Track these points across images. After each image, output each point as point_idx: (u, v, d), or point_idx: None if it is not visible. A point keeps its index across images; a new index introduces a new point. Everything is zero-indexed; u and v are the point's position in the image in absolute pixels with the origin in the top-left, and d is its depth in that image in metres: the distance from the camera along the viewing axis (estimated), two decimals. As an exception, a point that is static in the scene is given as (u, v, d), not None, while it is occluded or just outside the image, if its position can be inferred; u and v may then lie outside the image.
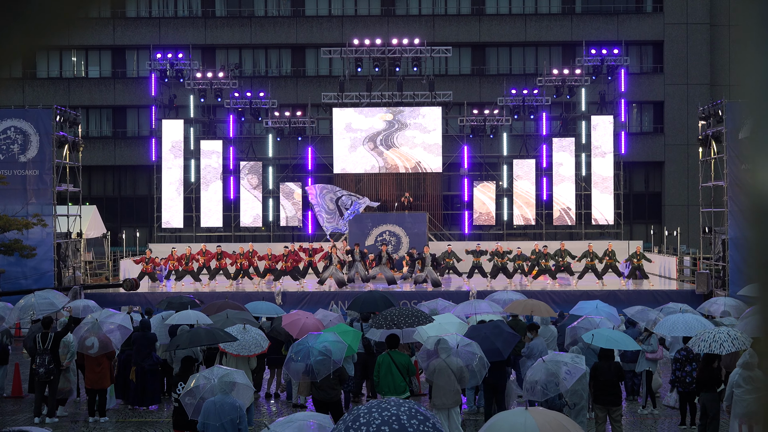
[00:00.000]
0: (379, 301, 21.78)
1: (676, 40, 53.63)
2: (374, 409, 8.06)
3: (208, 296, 30.18)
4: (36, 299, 21.61)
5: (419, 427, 7.83)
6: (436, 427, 8.02)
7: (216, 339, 16.14)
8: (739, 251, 31.81)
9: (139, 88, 52.83)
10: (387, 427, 7.77)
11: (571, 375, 13.87)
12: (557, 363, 13.97)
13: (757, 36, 1.63)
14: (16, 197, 33.81)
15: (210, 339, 16.08)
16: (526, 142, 45.95)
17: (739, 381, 14.25)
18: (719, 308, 22.28)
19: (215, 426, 12.05)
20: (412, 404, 8.31)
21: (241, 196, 44.26)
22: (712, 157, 35.90)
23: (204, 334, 15.99)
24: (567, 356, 14.36)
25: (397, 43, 43.62)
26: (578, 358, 14.41)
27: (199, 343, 16.06)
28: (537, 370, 14.00)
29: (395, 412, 7.96)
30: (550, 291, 33.19)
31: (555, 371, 13.81)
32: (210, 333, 16.07)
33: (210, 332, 16.08)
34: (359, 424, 7.92)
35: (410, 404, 8.26)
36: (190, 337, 16.06)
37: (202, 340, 16.00)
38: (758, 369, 13.78)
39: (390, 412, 7.96)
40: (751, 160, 1.66)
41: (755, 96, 1.65)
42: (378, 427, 7.79)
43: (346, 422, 8.10)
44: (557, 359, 14.14)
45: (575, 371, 13.94)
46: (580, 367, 14.06)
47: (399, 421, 7.85)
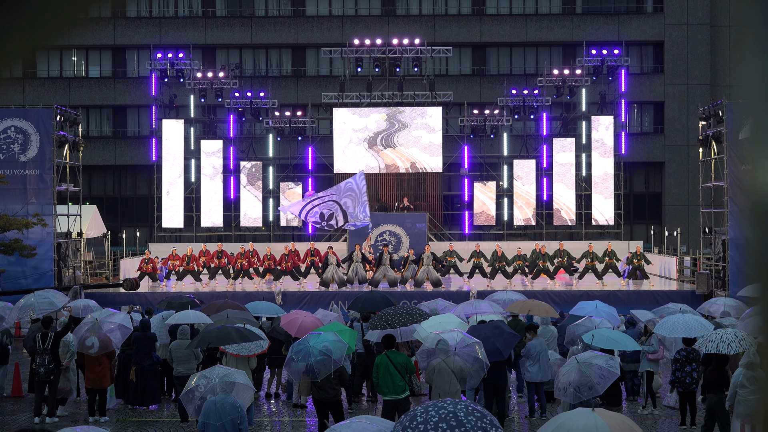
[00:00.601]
0: (380, 301, 21.78)
1: (676, 41, 53.62)
2: (431, 408, 8.06)
3: (208, 296, 30.19)
4: (36, 299, 21.60)
5: (477, 423, 7.82)
6: (494, 423, 8.01)
7: (247, 337, 15.96)
8: (739, 252, 31.81)
9: (139, 87, 52.83)
10: (444, 424, 7.76)
11: (605, 379, 13.60)
12: (591, 365, 13.66)
13: (757, 36, 1.63)
14: (17, 197, 33.81)
15: (241, 338, 15.87)
16: (527, 142, 45.94)
17: (743, 381, 14.27)
18: (719, 308, 22.27)
19: (215, 426, 12.05)
20: (468, 403, 8.30)
21: (242, 196, 44.25)
22: (713, 158, 35.90)
23: (234, 332, 15.81)
24: (602, 358, 13.97)
25: (397, 43, 43.62)
26: (613, 360, 14.08)
27: (230, 341, 15.88)
28: (570, 371, 13.72)
29: (452, 409, 7.96)
30: (550, 291, 33.19)
31: (588, 374, 13.55)
32: (240, 331, 15.89)
33: (240, 331, 15.90)
34: (416, 423, 7.91)
35: (466, 403, 8.26)
36: (219, 335, 15.82)
37: (234, 338, 15.79)
38: (761, 369, 13.81)
39: (447, 410, 7.96)
40: (751, 160, 1.66)
41: (755, 96, 1.65)
42: (435, 424, 7.78)
43: (403, 423, 8.07)
44: (591, 361, 13.78)
45: (609, 375, 13.64)
46: (614, 371, 13.74)
47: (456, 417, 7.84)
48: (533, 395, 18.31)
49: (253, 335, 16.08)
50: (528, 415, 18.32)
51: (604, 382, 13.56)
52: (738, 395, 14.33)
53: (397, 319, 17.26)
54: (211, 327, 16.63)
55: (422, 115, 43.42)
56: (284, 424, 18.23)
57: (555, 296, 32.15)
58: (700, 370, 16.98)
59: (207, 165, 44.19)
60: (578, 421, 9.34)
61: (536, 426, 17.68)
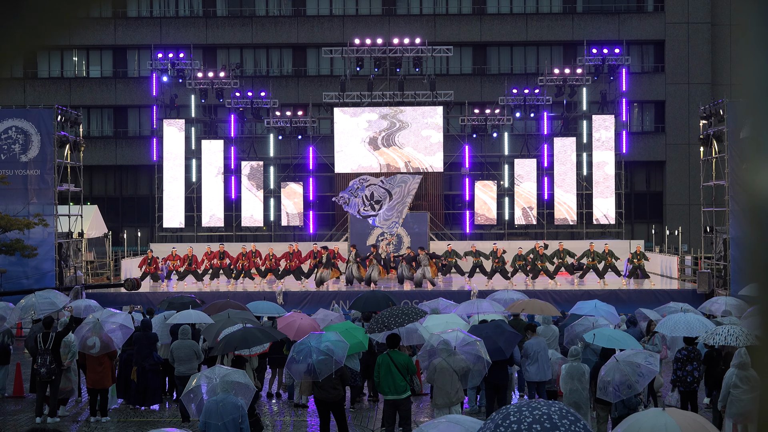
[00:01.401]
0: (381, 300, 21.78)
1: (677, 40, 53.60)
2: (524, 408, 7.97)
3: (210, 296, 30.20)
4: (37, 299, 21.61)
5: (571, 427, 7.75)
6: (587, 428, 7.95)
7: (273, 337, 15.74)
8: (740, 251, 31.81)
9: (140, 87, 52.84)
10: (539, 425, 7.67)
11: (644, 377, 13.49)
12: (630, 364, 13.58)
13: (756, 36, 1.63)
14: (18, 197, 33.83)
15: (267, 338, 15.71)
16: (527, 141, 45.94)
17: (736, 381, 14.30)
18: (720, 307, 22.27)
19: (217, 425, 12.05)
20: (561, 405, 8.22)
21: (242, 196, 44.25)
22: (714, 157, 35.90)
23: (260, 333, 15.59)
24: (641, 356, 13.86)
25: (398, 43, 43.62)
26: (652, 358, 13.95)
27: (257, 342, 15.66)
28: (611, 370, 13.61)
29: (546, 411, 7.88)
30: (551, 291, 33.18)
31: (628, 372, 13.46)
32: (265, 332, 15.72)
33: (265, 331, 15.72)
34: (509, 422, 7.83)
35: (560, 405, 8.17)
36: (244, 335, 15.57)
37: (260, 339, 15.58)
38: (752, 369, 13.85)
39: (541, 411, 7.88)
40: (751, 160, 1.66)
41: (754, 96, 1.65)
42: (529, 425, 7.71)
43: (495, 421, 8.00)
44: (631, 359, 13.69)
45: (648, 373, 13.55)
46: (653, 368, 13.64)
47: (551, 419, 7.77)
48: (534, 394, 18.30)
49: (277, 333, 15.91)
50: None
51: (642, 380, 13.53)
52: (731, 395, 14.35)
53: (394, 320, 17.20)
54: (236, 330, 16.26)
55: (423, 115, 43.41)
56: (285, 424, 18.23)
57: (556, 295, 32.13)
58: (701, 369, 16.98)
59: (208, 165, 44.19)
60: (648, 420, 9.34)
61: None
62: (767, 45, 1.62)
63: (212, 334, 18.31)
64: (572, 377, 15.22)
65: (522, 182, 43.89)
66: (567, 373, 15.33)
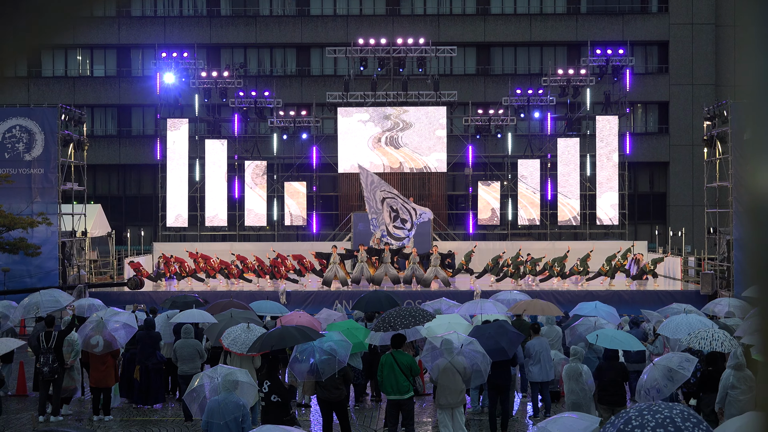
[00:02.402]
0: (384, 300, 21.76)
1: (681, 41, 53.56)
2: (645, 412, 7.86)
3: (213, 295, 30.21)
4: (42, 297, 21.64)
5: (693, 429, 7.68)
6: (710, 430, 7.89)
7: (310, 337, 15.59)
8: (743, 252, 31.76)
9: (144, 87, 52.88)
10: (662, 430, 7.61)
11: (673, 382, 13.35)
12: (664, 368, 13.49)
13: (756, 36, 1.64)
14: (21, 196, 33.86)
15: (304, 338, 15.46)
16: (531, 142, 45.93)
17: (734, 382, 14.25)
18: (724, 309, 22.24)
19: (219, 425, 12.06)
20: (683, 407, 8.12)
21: (246, 196, 44.28)
22: (717, 158, 35.87)
23: (296, 332, 15.22)
24: (676, 360, 13.72)
25: (402, 43, 43.63)
26: (688, 362, 13.78)
27: (294, 342, 15.19)
28: (651, 375, 13.56)
29: (668, 414, 7.77)
30: (554, 291, 33.16)
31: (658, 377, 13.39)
32: (302, 331, 15.51)
33: (302, 331, 15.48)
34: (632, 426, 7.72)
35: (681, 407, 8.07)
36: (281, 335, 15.15)
37: (297, 339, 15.10)
38: (748, 369, 13.93)
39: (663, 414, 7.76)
40: (752, 160, 1.67)
41: (755, 96, 1.65)
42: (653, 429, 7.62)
43: (616, 425, 7.90)
44: (665, 363, 13.60)
45: (679, 378, 13.41)
46: (684, 373, 13.46)
47: (674, 423, 7.66)
48: (537, 395, 18.31)
49: (314, 333, 15.66)
50: (532, 414, 18.32)
51: (671, 385, 13.36)
52: (729, 396, 14.29)
53: (400, 321, 17.17)
54: (273, 330, 15.82)
55: (427, 115, 43.42)
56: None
57: (559, 296, 32.12)
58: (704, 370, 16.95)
59: (211, 164, 44.22)
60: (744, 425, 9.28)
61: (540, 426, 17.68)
62: (767, 45, 1.62)
63: (215, 334, 18.32)
64: (570, 377, 15.24)
65: (525, 183, 43.87)
66: (566, 373, 15.36)
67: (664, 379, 13.35)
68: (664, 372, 13.43)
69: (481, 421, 17.79)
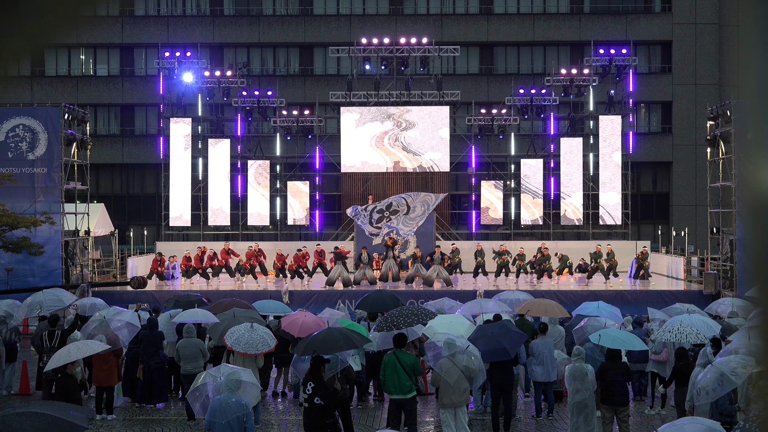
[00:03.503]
0: (387, 300, 21.79)
1: (684, 40, 53.51)
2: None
3: (215, 294, 30.22)
4: (45, 296, 21.67)
5: None
6: None
7: (353, 343, 14.81)
8: (745, 252, 31.74)
9: (147, 86, 52.92)
10: None
11: (723, 387, 13.23)
12: (718, 371, 13.43)
13: (759, 36, 1.64)
14: (25, 195, 33.90)
15: (347, 345, 14.81)
16: (534, 141, 45.90)
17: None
18: (727, 309, 22.23)
19: (221, 424, 12.07)
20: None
21: (249, 195, 44.28)
22: (721, 158, 35.85)
23: (341, 339, 14.78)
24: (731, 365, 13.51)
25: (405, 43, 43.62)
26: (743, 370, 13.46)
27: (337, 348, 14.74)
28: (710, 377, 13.49)
29: None
30: (557, 291, 33.14)
31: (709, 380, 13.33)
32: (347, 338, 14.91)
33: (347, 337, 14.92)
34: None
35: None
36: (325, 340, 14.75)
37: (340, 346, 14.69)
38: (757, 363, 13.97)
39: None
40: (752, 160, 1.67)
41: (758, 96, 1.65)
42: None
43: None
44: (721, 367, 13.48)
45: (728, 384, 13.20)
46: (734, 380, 13.20)
47: None
48: (540, 395, 18.30)
49: (361, 339, 15.03)
50: (535, 414, 18.31)
51: (720, 389, 13.25)
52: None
53: (403, 320, 17.19)
54: (318, 333, 15.35)
55: (430, 115, 43.41)
56: (291, 423, 18.24)
57: (562, 296, 32.06)
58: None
59: (214, 164, 44.23)
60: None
61: (543, 425, 17.69)
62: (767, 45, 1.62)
63: (218, 333, 18.34)
64: (575, 377, 15.22)
65: (528, 182, 43.85)
66: (570, 373, 15.33)
67: (715, 383, 13.25)
68: (718, 376, 13.33)
69: (484, 420, 17.79)
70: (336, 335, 14.80)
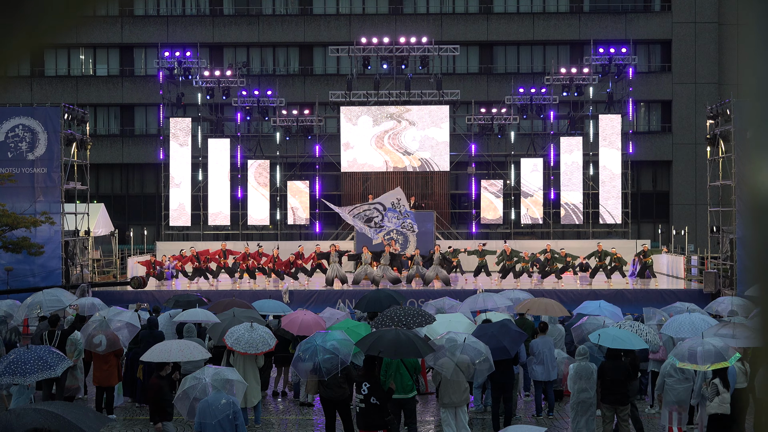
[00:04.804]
0: (386, 300, 21.76)
1: (684, 39, 53.52)
2: None
3: (215, 294, 30.21)
4: (44, 296, 21.66)
5: None
6: None
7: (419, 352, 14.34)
8: (746, 250, 31.72)
9: (147, 86, 52.94)
10: None
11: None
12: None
13: (759, 34, 1.64)
14: (25, 195, 33.89)
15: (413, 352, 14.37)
16: (534, 140, 45.90)
17: (671, 371, 15.41)
18: (727, 308, 22.21)
19: (212, 425, 12.08)
20: None
21: (249, 195, 44.27)
22: (720, 156, 35.85)
23: (408, 344, 14.35)
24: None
25: (404, 42, 43.62)
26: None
27: (402, 354, 14.45)
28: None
29: None
30: (557, 290, 33.13)
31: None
32: (414, 345, 14.39)
33: (414, 344, 14.40)
34: None
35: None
36: (392, 341, 14.33)
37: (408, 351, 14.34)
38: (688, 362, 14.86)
39: None
40: (754, 159, 1.67)
41: (758, 94, 1.65)
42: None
43: None
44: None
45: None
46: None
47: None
48: (540, 394, 18.30)
49: (426, 349, 14.43)
50: (535, 413, 18.31)
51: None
52: (666, 384, 15.46)
53: (403, 321, 17.12)
54: (386, 332, 14.97)
55: (429, 114, 43.41)
56: (291, 423, 18.24)
57: (563, 295, 32.05)
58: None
59: (214, 163, 44.22)
60: None
61: (543, 425, 17.68)
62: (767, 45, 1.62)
63: (218, 333, 18.34)
64: (581, 377, 15.21)
65: (528, 182, 43.84)
66: (575, 372, 15.31)
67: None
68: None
69: (484, 420, 17.80)
70: (404, 339, 14.48)
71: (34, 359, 14.11)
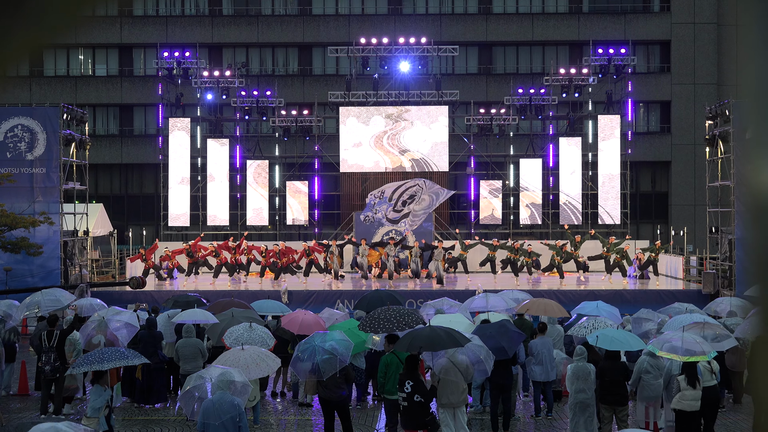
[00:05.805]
0: (386, 300, 21.70)
1: (683, 40, 53.54)
2: None
3: (214, 294, 30.20)
4: (42, 296, 21.65)
5: None
6: None
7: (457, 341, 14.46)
8: (745, 251, 31.76)
9: (146, 86, 52.93)
10: None
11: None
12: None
13: (758, 35, 1.64)
14: (23, 195, 33.89)
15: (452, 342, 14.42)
16: (533, 141, 45.92)
17: (647, 367, 15.76)
18: (726, 308, 22.22)
19: (215, 425, 12.05)
20: None
21: (248, 195, 44.27)
22: (719, 157, 35.87)
23: (445, 335, 14.45)
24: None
25: (403, 42, 43.61)
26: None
27: (442, 345, 14.44)
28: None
29: None
30: (556, 290, 33.13)
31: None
32: (450, 334, 14.55)
33: (450, 333, 14.59)
34: None
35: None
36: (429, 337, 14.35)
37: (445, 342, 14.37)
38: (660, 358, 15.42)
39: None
40: (753, 159, 1.67)
41: (757, 95, 1.65)
42: None
43: None
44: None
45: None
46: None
47: None
48: (539, 394, 18.30)
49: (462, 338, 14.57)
50: (534, 414, 18.31)
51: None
52: (642, 380, 15.77)
53: (393, 324, 16.55)
54: (422, 329, 15.01)
55: (428, 115, 43.42)
56: (290, 423, 18.24)
57: (561, 295, 32.05)
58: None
59: (213, 164, 44.22)
60: None
61: (542, 425, 17.69)
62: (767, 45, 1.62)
63: (217, 333, 18.33)
64: (578, 377, 15.20)
65: (527, 182, 43.86)
66: (573, 373, 15.31)
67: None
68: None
69: (483, 420, 17.79)
70: (440, 333, 14.48)
71: (111, 352, 15.11)
